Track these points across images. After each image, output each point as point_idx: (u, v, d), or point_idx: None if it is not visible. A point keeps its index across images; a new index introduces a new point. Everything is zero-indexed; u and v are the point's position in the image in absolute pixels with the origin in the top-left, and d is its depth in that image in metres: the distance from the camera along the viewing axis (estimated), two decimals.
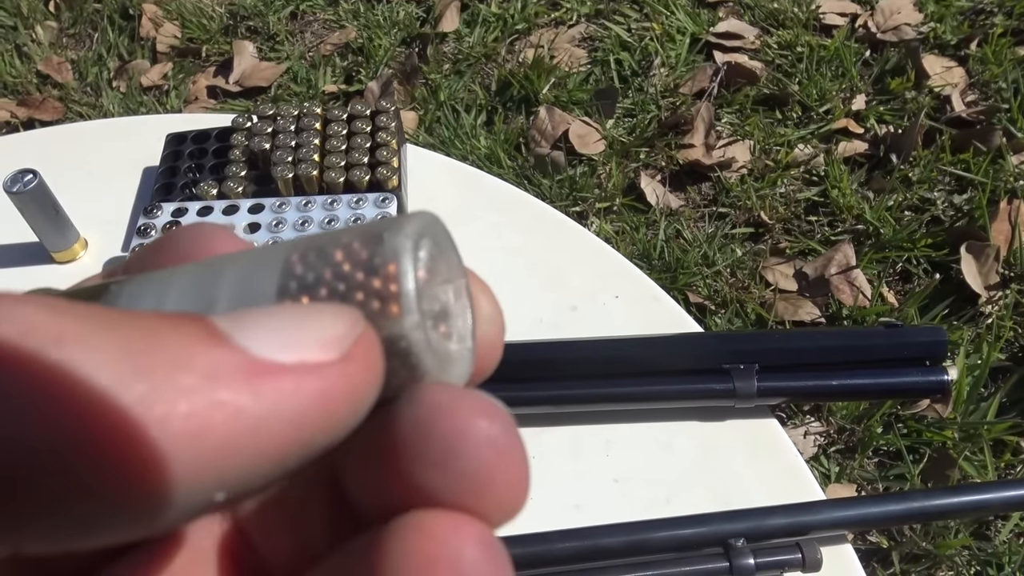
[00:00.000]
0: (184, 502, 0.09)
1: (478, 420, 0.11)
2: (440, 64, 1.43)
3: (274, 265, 0.12)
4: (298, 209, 0.51)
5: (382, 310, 0.11)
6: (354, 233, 0.12)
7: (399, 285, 0.11)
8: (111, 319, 0.09)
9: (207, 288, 0.12)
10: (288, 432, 0.10)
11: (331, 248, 0.12)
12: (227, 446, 0.09)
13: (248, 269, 0.12)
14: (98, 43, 1.59)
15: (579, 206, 1.20)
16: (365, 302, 0.11)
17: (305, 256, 0.12)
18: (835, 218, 1.17)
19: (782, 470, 0.44)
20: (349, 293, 0.12)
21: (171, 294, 0.12)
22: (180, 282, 0.12)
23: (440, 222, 0.13)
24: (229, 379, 0.09)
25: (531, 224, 0.56)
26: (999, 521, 0.91)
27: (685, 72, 1.36)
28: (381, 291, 0.11)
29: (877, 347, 0.45)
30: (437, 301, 0.13)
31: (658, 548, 0.40)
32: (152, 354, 0.09)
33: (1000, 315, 1.04)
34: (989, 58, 1.29)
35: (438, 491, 0.11)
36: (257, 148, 0.54)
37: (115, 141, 0.61)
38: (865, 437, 0.97)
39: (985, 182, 1.13)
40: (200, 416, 0.09)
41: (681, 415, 0.46)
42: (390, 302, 0.11)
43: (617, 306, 0.51)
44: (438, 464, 0.11)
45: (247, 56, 1.50)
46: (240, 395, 0.09)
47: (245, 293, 0.11)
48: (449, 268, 0.13)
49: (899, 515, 0.40)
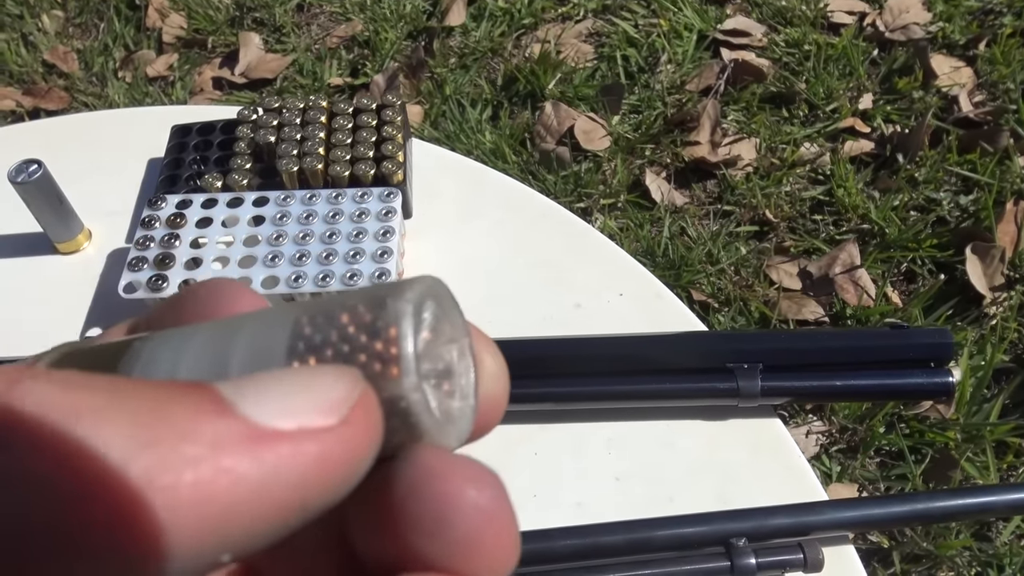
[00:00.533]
0: (190, 565, 0.10)
1: (467, 488, 0.12)
2: (446, 58, 1.43)
3: (284, 326, 0.12)
4: (302, 202, 0.51)
5: (383, 372, 0.12)
6: (360, 296, 0.13)
7: (399, 348, 0.12)
8: (124, 392, 0.10)
9: (221, 350, 0.12)
10: (288, 495, 0.10)
11: (338, 311, 0.12)
12: (230, 510, 0.10)
13: (260, 331, 0.12)
14: (104, 33, 1.59)
15: (583, 202, 1.20)
16: (367, 363, 0.12)
17: (314, 318, 0.12)
18: (840, 217, 1.16)
19: (785, 470, 0.44)
20: (352, 354, 0.12)
21: (188, 355, 0.12)
22: (196, 343, 0.12)
23: (443, 284, 0.14)
24: (232, 447, 0.10)
25: (536, 221, 0.56)
26: (1000, 522, 0.91)
27: (692, 69, 1.36)
28: (382, 353, 0.12)
29: (882, 348, 0.45)
30: (440, 360, 0.13)
31: (659, 547, 0.40)
32: (160, 426, 0.10)
33: (1005, 317, 1.03)
34: (998, 58, 1.28)
35: (430, 556, 0.12)
36: (262, 140, 0.54)
37: (120, 132, 0.61)
38: (867, 437, 0.97)
39: (992, 183, 1.13)
40: (205, 484, 0.09)
41: (684, 414, 0.46)
42: (391, 364, 0.12)
43: (621, 304, 0.51)
44: (429, 531, 0.12)
45: (253, 48, 1.50)
46: (242, 462, 0.10)
47: (257, 355, 0.12)
48: (453, 328, 0.14)
49: (902, 516, 0.40)
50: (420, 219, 0.55)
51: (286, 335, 0.12)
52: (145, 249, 0.49)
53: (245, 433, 0.10)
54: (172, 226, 0.50)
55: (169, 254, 0.49)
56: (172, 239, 0.49)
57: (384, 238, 0.49)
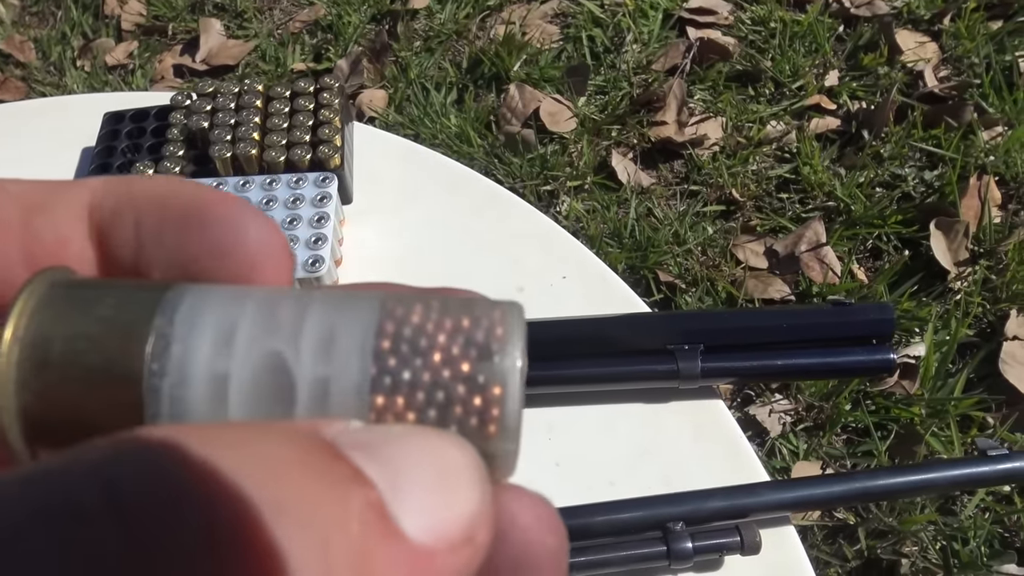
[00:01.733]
0: None
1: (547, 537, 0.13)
2: (410, 41, 1.41)
3: (360, 333, 0.12)
4: (236, 189, 0.49)
5: (480, 429, 0.12)
6: (451, 325, 0.12)
7: (502, 410, 0.12)
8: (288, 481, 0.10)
9: (286, 332, 0.12)
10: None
11: (426, 343, 0.12)
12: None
13: (329, 324, 0.12)
14: (61, 21, 1.56)
15: (550, 185, 1.19)
16: (463, 418, 0.12)
17: (397, 345, 0.12)
18: (806, 195, 1.16)
19: (726, 452, 0.44)
20: (448, 407, 0.12)
21: (243, 324, 0.12)
22: (249, 313, 0.12)
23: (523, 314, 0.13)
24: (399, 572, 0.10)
25: (481, 204, 0.55)
26: (965, 497, 0.92)
27: (658, 48, 1.34)
28: (482, 411, 0.12)
29: (823, 326, 0.44)
30: None
31: (597, 533, 0.39)
32: (339, 554, 0.10)
33: (969, 291, 1.03)
34: (962, 33, 1.28)
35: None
36: (195, 126, 0.52)
37: (51, 121, 0.59)
38: (833, 415, 0.97)
39: (956, 158, 1.13)
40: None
41: (625, 397, 0.45)
42: (489, 423, 0.12)
43: (565, 287, 0.50)
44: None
45: (214, 34, 1.47)
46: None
47: (329, 345, 0.12)
48: None
49: (840, 496, 0.39)
50: (361, 204, 0.54)
51: (365, 355, 0.12)
52: None
53: (411, 561, 0.10)
54: None
55: None
56: None
57: (319, 224, 0.48)
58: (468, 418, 0.12)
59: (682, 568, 0.39)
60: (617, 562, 0.39)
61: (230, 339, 0.12)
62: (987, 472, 0.40)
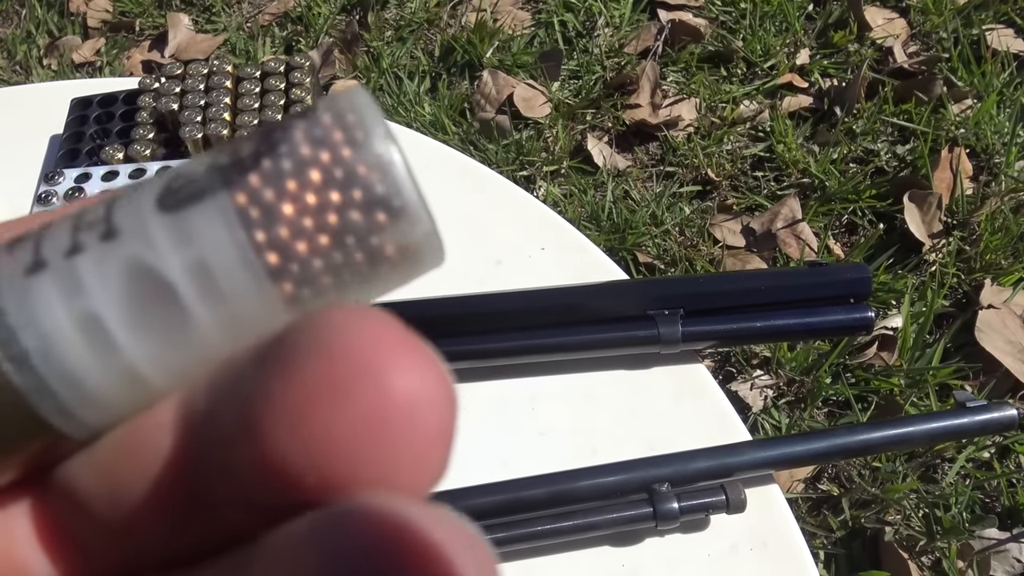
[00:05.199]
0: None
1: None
2: (382, 31, 1.40)
3: (209, 200, 0.10)
4: None
5: (385, 224, 0.10)
6: (292, 147, 0.10)
7: (388, 191, 0.10)
8: None
9: (129, 237, 0.10)
10: None
11: (282, 179, 0.10)
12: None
13: (168, 207, 0.10)
14: (26, 20, 1.53)
15: (526, 170, 1.19)
16: (363, 224, 0.10)
17: (256, 195, 0.10)
18: (781, 173, 1.17)
19: (709, 415, 0.44)
20: (344, 227, 0.10)
21: (81, 263, 0.10)
22: (87, 251, 0.10)
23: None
24: None
25: (456, 180, 0.55)
26: (946, 464, 0.93)
27: (630, 32, 1.35)
28: (377, 200, 0.10)
29: (801, 286, 0.44)
30: None
31: (582, 497, 0.39)
32: None
33: (943, 262, 1.04)
34: (930, 8, 1.29)
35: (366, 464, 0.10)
36: (165, 109, 0.52)
37: (17, 110, 0.58)
38: (814, 388, 0.98)
39: (927, 132, 1.14)
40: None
41: (607, 364, 0.45)
42: (385, 212, 0.10)
43: (543, 258, 0.50)
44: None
45: (182, 29, 1.45)
46: None
47: (191, 239, 0.10)
48: None
49: (822, 452, 0.40)
50: None
51: (225, 208, 0.10)
52: None
53: None
54: (71, 200, 0.48)
55: None
56: None
57: None
58: (369, 216, 0.10)
59: (669, 528, 0.39)
60: (604, 525, 0.39)
61: (75, 281, 0.10)
62: (966, 423, 0.40)
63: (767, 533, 0.40)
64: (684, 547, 0.40)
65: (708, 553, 0.40)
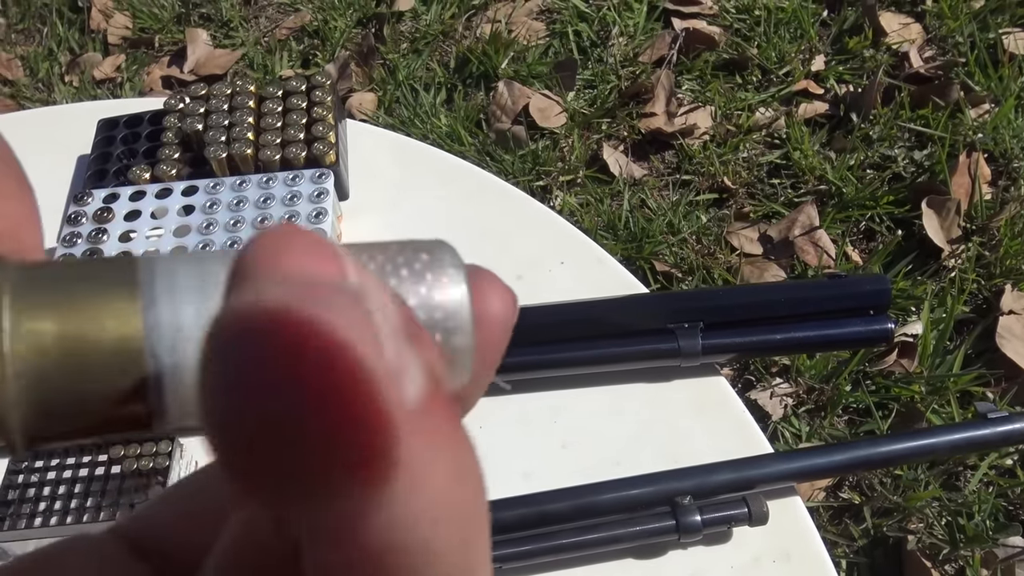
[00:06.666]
0: None
1: None
2: (397, 44, 1.42)
3: None
4: (232, 189, 0.50)
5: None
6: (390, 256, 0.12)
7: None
8: None
9: None
10: None
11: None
12: None
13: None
14: (48, 37, 1.56)
15: (542, 180, 1.19)
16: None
17: None
18: (798, 180, 1.17)
19: (730, 427, 0.44)
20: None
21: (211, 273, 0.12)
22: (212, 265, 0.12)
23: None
24: None
25: (475, 195, 0.55)
26: (968, 471, 0.92)
27: (644, 40, 1.35)
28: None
29: (821, 299, 0.45)
30: None
31: (605, 510, 0.40)
32: None
33: (963, 268, 1.04)
34: (945, 12, 1.29)
35: None
36: (190, 129, 0.53)
37: (45, 131, 0.60)
38: (834, 396, 0.97)
39: (944, 136, 1.13)
40: None
41: (628, 377, 0.46)
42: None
43: (562, 272, 0.51)
44: None
45: (201, 44, 1.47)
46: None
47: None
48: None
49: (844, 464, 0.40)
50: (357, 200, 0.54)
51: None
52: (72, 246, 0.48)
53: None
54: (99, 221, 0.49)
55: (97, 250, 0.48)
56: (100, 234, 0.48)
57: (317, 219, 0.48)
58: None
59: (692, 541, 0.39)
60: (627, 538, 0.39)
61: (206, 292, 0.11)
62: (988, 435, 0.40)
63: (790, 545, 0.41)
64: (707, 560, 0.40)
65: (731, 565, 0.40)
